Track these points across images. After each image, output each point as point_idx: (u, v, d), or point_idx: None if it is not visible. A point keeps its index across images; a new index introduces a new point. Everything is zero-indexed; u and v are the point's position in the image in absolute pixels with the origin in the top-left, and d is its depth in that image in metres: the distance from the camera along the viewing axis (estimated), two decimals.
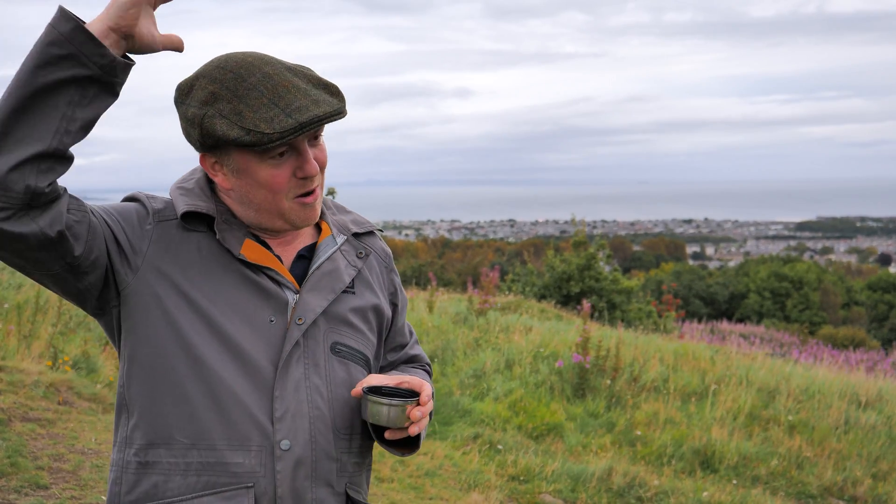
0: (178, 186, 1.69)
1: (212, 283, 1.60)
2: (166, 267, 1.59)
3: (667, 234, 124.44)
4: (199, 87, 1.55)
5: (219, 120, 1.52)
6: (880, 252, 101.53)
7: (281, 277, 1.64)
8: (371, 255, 1.80)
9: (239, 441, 1.56)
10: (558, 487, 5.96)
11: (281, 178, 1.57)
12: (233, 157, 1.57)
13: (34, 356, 6.19)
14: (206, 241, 1.63)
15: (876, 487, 7.07)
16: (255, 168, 1.56)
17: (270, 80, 1.54)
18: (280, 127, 1.49)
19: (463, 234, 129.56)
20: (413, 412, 1.58)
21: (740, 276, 47.69)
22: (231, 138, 1.51)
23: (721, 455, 7.16)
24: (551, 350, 9.29)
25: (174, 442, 1.55)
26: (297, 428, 1.59)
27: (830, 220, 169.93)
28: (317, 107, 1.53)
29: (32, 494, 4.28)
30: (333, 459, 1.64)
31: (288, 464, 1.58)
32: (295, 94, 1.53)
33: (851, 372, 11.75)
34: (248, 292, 1.61)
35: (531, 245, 59.84)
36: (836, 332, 29.87)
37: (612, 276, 18.04)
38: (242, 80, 1.53)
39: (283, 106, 1.51)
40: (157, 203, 1.64)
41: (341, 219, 1.80)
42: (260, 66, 1.56)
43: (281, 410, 1.58)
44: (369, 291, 1.76)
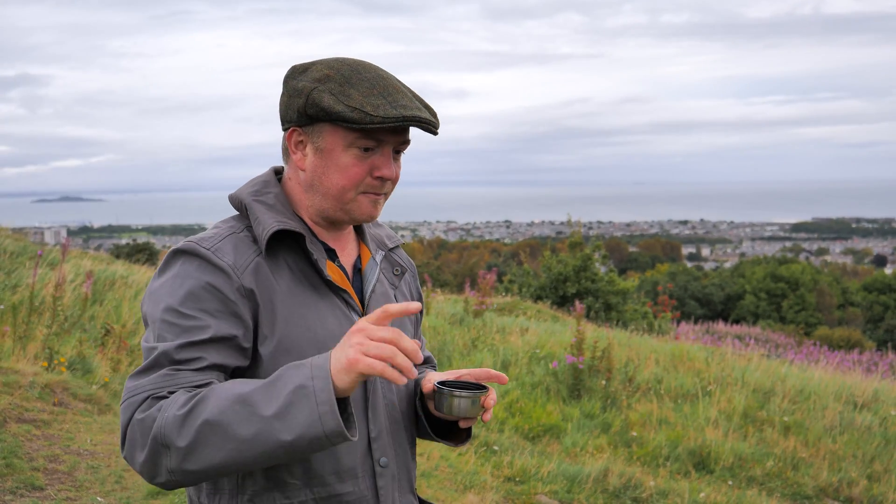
0: (259, 200, 1.68)
1: (308, 307, 1.63)
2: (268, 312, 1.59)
3: (662, 235, 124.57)
4: (315, 70, 1.64)
5: (327, 95, 1.59)
6: (876, 253, 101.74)
7: (351, 300, 1.70)
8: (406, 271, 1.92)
9: (346, 471, 1.63)
10: (554, 488, 5.96)
11: (359, 171, 1.63)
12: (324, 135, 1.62)
13: (29, 357, 6.18)
14: (293, 259, 1.65)
15: (871, 488, 7.08)
16: (339, 152, 1.62)
17: (383, 79, 1.63)
18: (384, 113, 1.56)
19: (459, 235, 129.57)
20: (487, 401, 1.66)
21: (736, 277, 47.78)
22: (335, 111, 1.57)
23: (716, 456, 7.17)
24: (547, 351, 9.30)
25: (286, 485, 1.59)
26: (387, 444, 1.70)
27: (826, 221, 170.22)
28: (419, 111, 1.61)
29: (28, 496, 4.28)
30: (409, 469, 1.78)
31: (388, 480, 1.69)
32: (403, 95, 1.62)
33: (847, 373, 11.78)
34: (334, 316, 1.66)
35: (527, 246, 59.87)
36: (831, 334, 29.93)
37: (608, 277, 18.05)
38: (357, 72, 1.62)
39: (390, 100, 1.59)
40: (225, 254, 1.60)
41: (377, 233, 1.88)
42: (376, 68, 1.66)
43: (376, 431, 1.68)
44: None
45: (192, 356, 1.50)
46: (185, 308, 1.53)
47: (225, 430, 1.40)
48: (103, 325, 7.29)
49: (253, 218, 1.64)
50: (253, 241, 1.63)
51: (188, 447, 1.40)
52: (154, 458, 1.43)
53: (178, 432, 1.40)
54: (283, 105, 1.67)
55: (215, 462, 1.41)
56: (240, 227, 1.66)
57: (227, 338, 1.53)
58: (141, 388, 1.49)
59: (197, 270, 1.56)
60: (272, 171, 1.77)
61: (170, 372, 1.49)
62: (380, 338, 1.41)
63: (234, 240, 1.62)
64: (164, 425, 1.41)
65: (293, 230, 1.62)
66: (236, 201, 1.71)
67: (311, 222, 1.72)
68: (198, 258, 1.58)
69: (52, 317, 6.56)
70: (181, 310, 1.53)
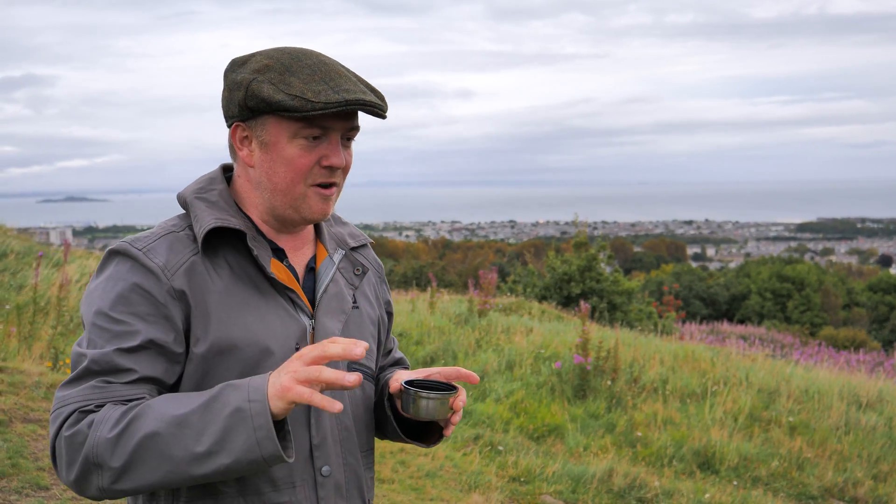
0: (200, 198, 1.64)
1: (248, 306, 1.58)
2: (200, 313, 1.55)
3: (667, 235, 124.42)
4: (255, 61, 1.59)
5: (267, 85, 1.54)
6: (881, 253, 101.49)
7: (299, 300, 1.63)
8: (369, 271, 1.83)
9: (283, 481, 1.57)
10: (559, 488, 5.96)
11: (306, 161, 1.57)
12: (267, 127, 1.57)
13: (35, 357, 6.19)
14: (234, 257, 1.60)
15: (876, 488, 7.07)
16: (284, 144, 1.56)
17: (325, 65, 1.58)
18: (326, 98, 1.51)
19: (464, 235, 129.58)
20: (456, 402, 1.60)
21: (741, 277, 47.68)
22: (275, 101, 1.52)
23: (721, 456, 7.16)
24: (552, 351, 9.29)
25: (220, 493, 1.55)
26: (332, 452, 1.64)
27: (831, 221, 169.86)
28: (364, 95, 1.55)
29: (33, 495, 4.29)
30: (360, 477, 1.71)
31: (329, 490, 1.63)
32: (346, 80, 1.57)
33: (852, 373, 11.75)
34: (277, 316, 1.60)
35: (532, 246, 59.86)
36: (836, 334, 29.87)
37: (613, 277, 18.04)
38: (298, 60, 1.57)
39: (332, 85, 1.54)
40: (157, 255, 1.55)
41: (339, 231, 1.81)
42: (317, 55, 1.61)
43: (318, 438, 1.62)
44: (369, 305, 1.80)
45: (123, 366, 1.47)
46: (115, 312, 1.50)
47: (161, 451, 1.38)
48: None
49: (193, 216, 1.60)
50: (193, 239, 1.58)
51: (122, 468, 1.39)
52: (85, 476, 1.42)
53: (111, 453, 1.39)
54: (225, 100, 1.62)
55: (149, 481, 1.40)
56: (181, 226, 1.61)
57: (158, 343, 1.50)
58: (69, 400, 1.45)
59: (128, 272, 1.53)
60: (220, 169, 1.73)
61: (99, 384, 1.46)
62: (311, 359, 1.40)
63: (171, 239, 1.58)
64: (97, 444, 1.39)
65: (232, 227, 1.57)
66: (181, 199, 1.66)
67: (261, 221, 1.66)
68: (130, 259, 1.54)
69: (57, 317, 6.58)
70: (111, 314, 1.50)
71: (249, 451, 1.37)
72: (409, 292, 15.46)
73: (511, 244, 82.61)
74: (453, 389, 1.62)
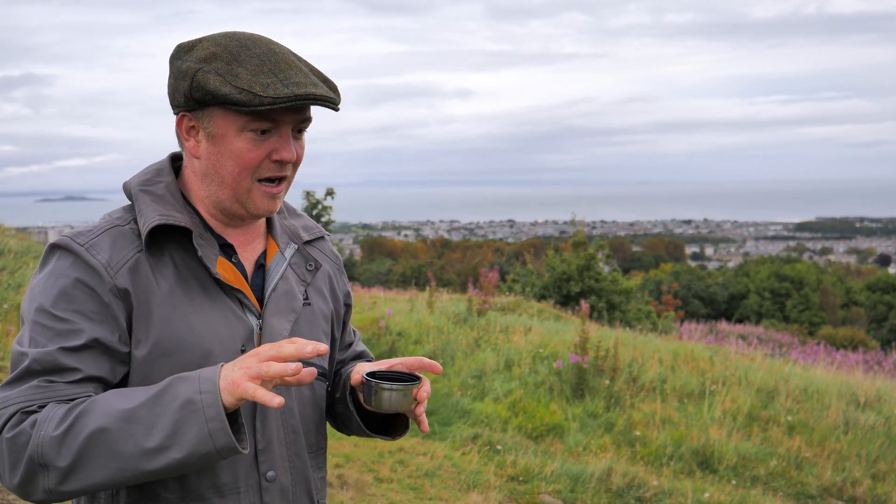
0: (146, 190, 1.57)
1: (192, 307, 1.52)
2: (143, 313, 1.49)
3: (666, 235, 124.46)
4: (201, 48, 1.51)
5: (213, 76, 1.47)
6: (879, 252, 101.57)
7: (247, 300, 1.58)
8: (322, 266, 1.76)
9: (227, 486, 1.53)
10: (557, 488, 5.96)
11: (254, 156, 1.51)
12: (214, 119, 1.50)
13: None
14: (179, 255, 1.54)
15: (875, 488, 7.07)
16: (232, 137, 1.50)
17: (275, 55, 1.51)
18: (274, 93, 1.44)
19: (462, 234, 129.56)
20: (420, 393, 1.56)
21: (740, 277, 47.70)
22: (222, 94, 1.45)
23: (720, 455, 7.16)
24: (551, 350, 9.29)
25: (161, 499, 1.50)
26: (278, 456, 1.59)
27: (830, 221, 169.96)
28: (315, 88, 1.49)
29: None
30: (308, 479, 1.66)
31: (275, 495, 1.59)
32: (296, 71, 1.50)
33: (850, 372, 11.76)
34: (223, 317, 1.54)
35: (531, 245, 59.86)
36: (835, 333, 29.89)
37: (612, 276, 18.05)
38: (247, 48, 1.50)
39: (281, 77, 1.47)
40: (99, 251, 1.48)
41: (292, 224, 1.74)
42: (267, 43, 1.53)
43: (264, 442, 1.57)
44: (321, 300, 1.74)
45: (67, 365, 1.41)
46: (57, 310, 1.44)
47: (109, 448, 1.34)
48: None
49: (137, 209, 1.53)
50: (138, 234, 1.52)
51: (69, 467, 1.34)
52: (30, 478, 1.36)
53: (57, 451, 1.34)
54: (171, 87, 1.55)
55: (98, 480, 1.35)
56: (126, 220, 1.54)
57: (102, 342, 1.44)
58: (10, 401, 1.39)
59: (70, 268, 1.47)
60: (168, 159, 1.64)
61: (41, 384, 1.40)
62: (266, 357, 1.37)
63: (115, 234, 1.51)
64: (41, 444, 1.34)
65: (177, 224, 1.51)
66: (126, 190, 1.59)
67: (208, 214, 1.59)
68: (72, 255, 1.48)
69: None
70: (54, 311, 1.44)
71: (202, 443, 1.33)
72: (408, 291, 15.46)
73: (510, 244, 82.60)
74: (417, 380, 1.57)
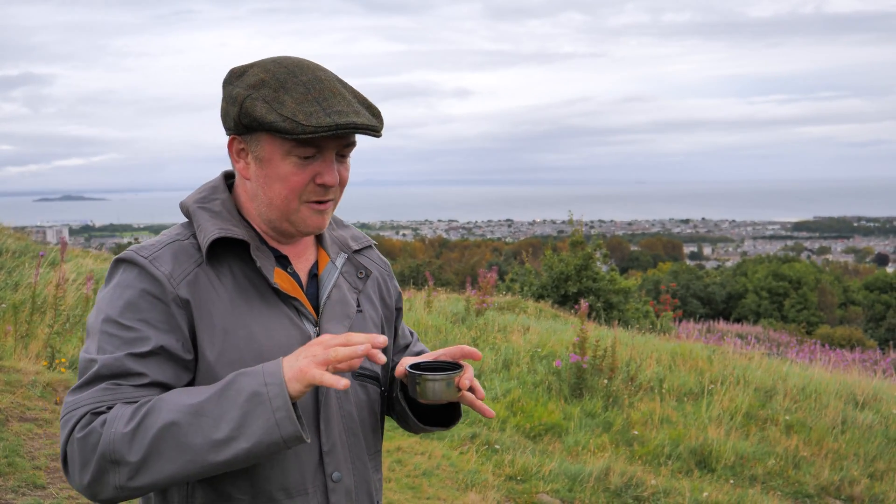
0: (203, 207, 1.65)
1: (252, 316, 1.59)
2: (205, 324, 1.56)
3: (664, 234, 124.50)
4: (251, 74, 1.59)
5: (260, 103, 1.54)
6: (877, 252, 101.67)
7: (303, 308, 1.65)
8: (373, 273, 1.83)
9: (295, 488, 1.59)
10: (555, 487, 5.96)
11: (300, 180, 1.58)
12: (262, 144, 1.58)
13: (31, 356, 6.18)
14: (239, 266, 1.62)
15: (873, 487, 7.08)
16: (278, 161, 1.57)
17: (320, 82, 1.57)
18: (317, 122, 1.51)
19: (460, 233, 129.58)
20: (462, 381, 1.60)
21: (738, 276, 47.74)
22: (267, 121, 1.52)
23: (718, 455, 7.17)
24: (549, 350, 9.30)
25: (234, 500, 1.56)
26: (342, 458, 1.66)
27: (828, 220, 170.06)
28: (357, 116, 1.55)
29: (30, 494, 4.28)
30: (369, 480, 1.73)
31: (340, 496, 1.65)
32: (339, 100, 1.56)
33: (848, 372, 11.77)
34: (281, 325, 1.62)
35: (529, 245, 59.86)
36: (833, 332, 29.90)
37: (610, 275, 18.04)
38: (294, 75, 1.57)
39: (324, 106, 1.53)
40: (162, 263, 1.57)
41: (341, 234, 1.82)
42: (314, 70, 1.60)
43: (328, 444, 1.64)
44: (372, 307, 1.81)
45: (134, 370, 1.48)
46: (125, 319, 1.51)
47: (179, 441, 1.38)
48: None
49: (196, 225, 1.62)
50: (197, 249, 1.60)
51: (141, 461, 1.38)
52: (101, 475, 1.41)
53: (129, 447, 1.38)
54: (223, 111, 1.63)
55: (168, 474, 1.40)
56: (185, 235, 1.63)
57: (168, 349, 1.51)
58: (80, 403, 1.45)
59: (136, 280, 1.55)
60: (222, 177, 1.73)
61: (110, 386, 1.46)
62: (333, 345, 1.42)
63: (176, 248, 1.59)
64: (113, 441, 1.39)
65: (236, 238, 1.59)
66: (183, 208, 1.68)
67: (261, 229, 1.67)
68: (137, 267, 1.56)
69: (54, 316, 6.57)
70: (121, 321, 1.51)
71: (269, 432, 1.38)
72: (406, 291, 15.45)
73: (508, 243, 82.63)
74: (459, 368, 1.62)
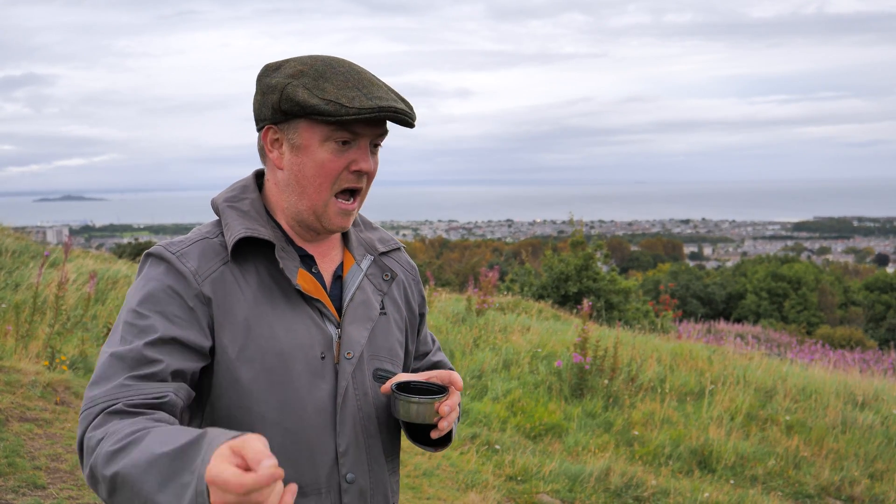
0: (232, 206, 1.67)
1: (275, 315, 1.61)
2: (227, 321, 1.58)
3: (664, 235, 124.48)
4: (289, 66, 1.63)
5: (301, 89, 1.58)
6: (877, 252, 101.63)
7: (326, 310, 1.66)
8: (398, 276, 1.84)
9: (309, 486, 1.60)
10: (556, 487, 5.96)
11: (336, 165, 1.61)
12: (300, 130, 1.61)
13: (31, 356, 6.18)
14: (264, 266, 1.64)
15: (873, 487, 7.08)
16: (316, 147, 1.60)
17: (357, 73, 1.62)
18: (360, 104, 1.55)
19: (461, 234, 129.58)
20: (442, 407, 1.60)
21: (738, 277, 47.72)
22: (310, 105, 1.56)
23: (718, 455, 7.17)
24: (549, 350, 9.29)
25: None
26: (358, 459, 1.66)
27: (828, 221, 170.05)
28: (395, 102, 1.59)
29: (30, 494, 4.28)
30: (385, 483, 1.73)
31: (354, 496, 1.65)
32: (378, 88, 1.61)
33: (848, 372, 11.77)
34: (304, 326, 1.63)
35: (529, 245, 59.85)
36: (833, 333, 29.89)
37: (610, 276, 18.04)
38: (331, 67, 1.62)
39: (365, 91, 1.58)
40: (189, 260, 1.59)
41: (368, 236, 1.83)
42: (350, 64, 1.65)
43: (344, 445, 1.64)
44: (395, 310, 1.82)
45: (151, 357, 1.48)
46: (143, 309, 1.53)
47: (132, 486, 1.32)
48: (105, 325, 7.30)
49: (224, 224, 1.64)
50: (224, 247, 1.62)
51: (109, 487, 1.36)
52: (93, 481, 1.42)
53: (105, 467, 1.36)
54: (257, 103, 1.66)
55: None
56: (215, 233, 1.65)
57: (182, 341, 1.52)
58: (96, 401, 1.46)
59: (162, 274, 1.57)
60: (253, 176, 1.76)
61: (126, 382, 1.46)
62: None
63: (204, 245, 1.62)
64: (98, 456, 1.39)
65: (262, 238, 1.61)
66: (213, 206, 1.70)
67: (289, 227, 1.69)
68: (164, 262, 1.58)
69: (55, 316, 6.56)
70: (140, 310, 1.53)
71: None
72: None
73: (508, 243, 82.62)
74: (442, 393, 1.62)
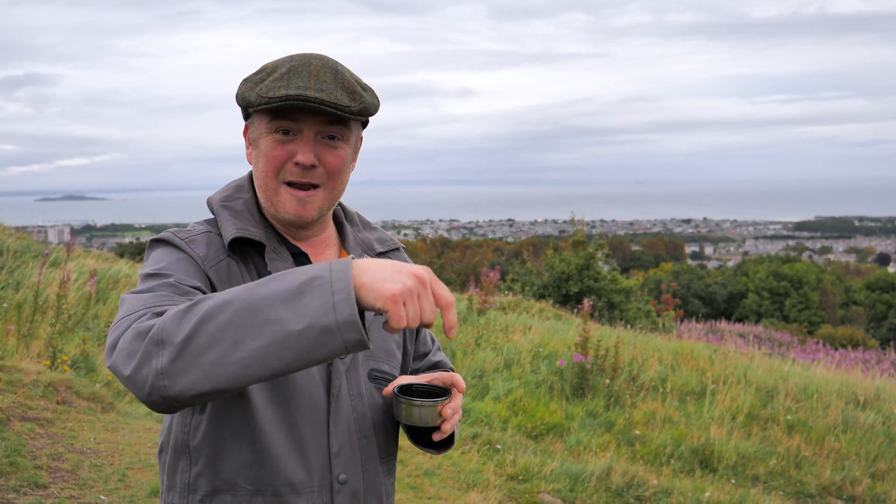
0: (225, 206, 1.68)
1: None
2: None
3: (665, 234, 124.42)
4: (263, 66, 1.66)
5: (248, 86, 1.63)
6: (879, 252, 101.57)
7: None
8: None
9: (302, 484, 1.59)
10: (557, 487, 5.96)
11: (277, 155, 1.61)
12: (255, 125, 1.65)
13: (33, 355, 6.19)
14: (260, 264, 1.65)
15: (874, 487, 7.07)
16: (263, 139, 1.63)
17: (308, 66, 1.60)
18: (275, 94, 1.55)
19: (462, 233, 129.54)
20: (445, 410, 1.59)
21: (739, 276, 47.69)
22: (245, 97, 1.62)
23: (720, 454, 7.16)
24: (550, 349, 9.29)
25: (238, 489, 1.57)
26: (351, 460, 1.65)
27: (829, 220, 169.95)
28: (317, 92, 1.55)
29: (31, 494, 4.28)
30: (379, 484, 1.71)
31: (346, 497, 1.64)
32: (310, 78, 1.57)
33: (849, 371, 11.76)
34: None
35: (530, 245, 59.83)
36: (834, 332, 29.88)
37: (611, 275, 18.03)
38: (289, 62, 1.62)
39: (294, 83, 1.56)
40: (198, 246, 1.61)
41: (366, 236, 1.82)
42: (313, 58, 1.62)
43: (337, 445, 1.63)
44: None
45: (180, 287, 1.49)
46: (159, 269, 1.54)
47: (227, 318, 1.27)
48: (106, 324, 7.30)
49: (219, 223, 1.66)
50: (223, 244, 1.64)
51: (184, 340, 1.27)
52: (144, 363, 1.30)
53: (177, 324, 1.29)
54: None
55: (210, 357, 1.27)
56: (215, 230, 1.67)
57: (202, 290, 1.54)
58: (138, 306, 1.41)
59: (172, 252, 1.60)
60: (248, 175, 1.76)
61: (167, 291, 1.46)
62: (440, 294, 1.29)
63: (209, 237, 1.64)
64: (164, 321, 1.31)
65: (252, 238, 1.62)
66: (209, 205, 1.72)
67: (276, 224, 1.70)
68: (173, 246, 1.61)
69: (56, 315, 6.56)
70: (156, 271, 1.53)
71: (324, 314, 1.23)
72: None
73: (509, 243, 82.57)
74: (446, 395, 1.61)
